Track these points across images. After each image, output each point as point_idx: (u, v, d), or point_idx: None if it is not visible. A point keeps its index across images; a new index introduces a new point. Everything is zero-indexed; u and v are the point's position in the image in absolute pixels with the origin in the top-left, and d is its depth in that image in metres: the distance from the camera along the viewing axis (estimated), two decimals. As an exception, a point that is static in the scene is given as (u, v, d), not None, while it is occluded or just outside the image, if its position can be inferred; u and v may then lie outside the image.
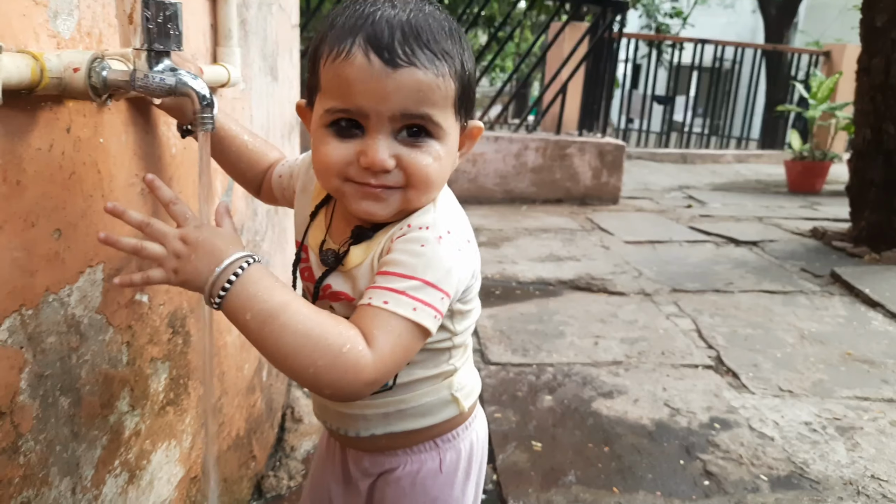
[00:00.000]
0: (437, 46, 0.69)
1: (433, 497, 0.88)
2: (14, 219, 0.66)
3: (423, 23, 0.69)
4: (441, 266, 0.70)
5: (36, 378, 0.72)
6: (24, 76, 0.61)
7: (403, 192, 0.73)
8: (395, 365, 0.68)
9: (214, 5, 1.10)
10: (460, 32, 0.74)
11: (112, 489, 0.90)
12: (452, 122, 0.74)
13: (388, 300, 0.68)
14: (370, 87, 0.68)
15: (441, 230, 0.73)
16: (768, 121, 9.99)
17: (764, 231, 4.67)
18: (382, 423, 0.85)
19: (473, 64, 0.75)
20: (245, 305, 0.66)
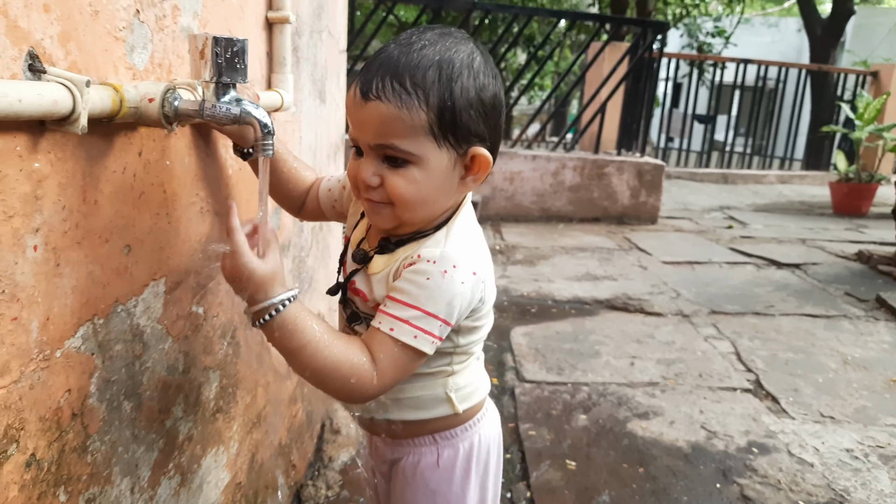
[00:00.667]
0: (409, 81, 0.76)
1: (432, 489, 0.96)
2: (91, 235, 0.72)
3: (408, 60, 0.77)
4: (442, 298, 0.80)
5: (104, 383, 0.78)
6: (107, 106, 0.67)
7: (392, 208, 0.82)
8: (394, 381, 0.83)
9: (270, 35, 1.17)
10: (457, 68, 0.78)
11: (166, 491, 0.95)
12: (431, 148, 0.79)
13: (394, 328, 0.80)
14: (352, 119, 0.81)
15: (447, 264, 0.81)
16: (813, 141, 9.80)
17: (807, 253, 4.58)
18: (381, 409, 0.94)
19: (471, 94, 0.79)
20: (277, 339, 0.80)
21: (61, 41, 0.64)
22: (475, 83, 0.79)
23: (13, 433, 0.64)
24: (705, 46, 13.61)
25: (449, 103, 0.77)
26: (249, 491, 1.30)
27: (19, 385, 0.64)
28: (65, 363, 0.70)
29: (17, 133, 0.60)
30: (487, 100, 0.81)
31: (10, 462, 0.64)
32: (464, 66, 0.79)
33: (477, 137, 0.81)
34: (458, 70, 0.78)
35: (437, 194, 0.82)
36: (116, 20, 0.73)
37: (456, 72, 0.78)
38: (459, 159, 0.82)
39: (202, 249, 0.98)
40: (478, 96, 0.80)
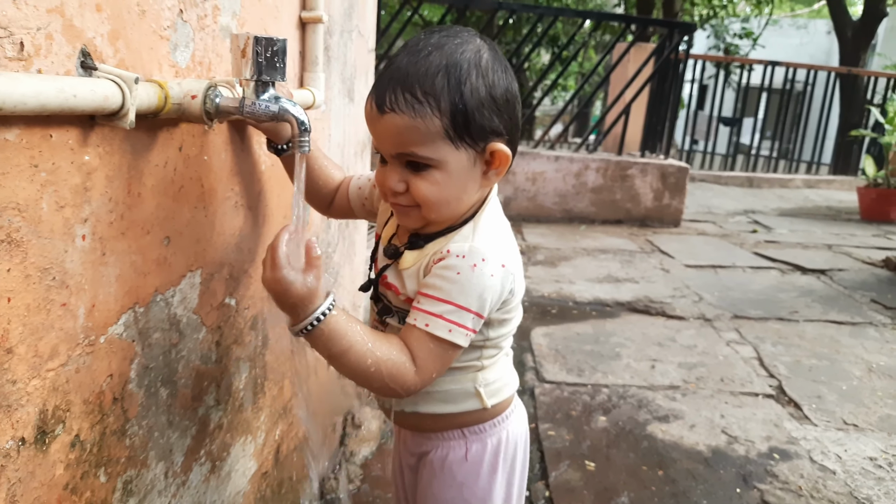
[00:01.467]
0: (420, 90, 0.78)
1: (459, 482, 0.97)
2: (134, 226, 0.75)
3: (416, 69, 0.79)
4: (473, 292, 0.82)
5: (143, 369, 0.80)
6: (153, 102, 0.70)
7: (419, 210, 0.85)
8: (433, 375, 0.85)
9: (304, 34, 1.19)
10: (464, 70, 0.80)
11: (197, 476, 0.98)
12: (449, 151, 0.81)
13: (429, 323, 0.83)
14: (372, 131, 0.85)
15: (476, 258, 0.83)
16: (841, 145, 9.65)
17: (833, 259, 4.52)
18: (411, 401, 0.96)
19: (481, 93, 0.80)
20: (321, 346, 0.82)
21: (111, 39, 0.67)
22: (484, 81, 0.81)
23: (60, 414, 0.66)
24: (732, 48, 13.47)
25: (460, 106, 0.79)
26: (274, 481, 1.32)
27: (66, 368, 0.67)
28: (108, 349, 0.73)
29: (69, 127, 0.63)
30: (499, 96, 0.82)
31: (56, 442, 0.66)
32: (471, 66, 0.80)
33: (493, 133, 0.83)
34: (466, 71, 0.80)
35: (461, 192, 0.85)
36: (162, 19, 0.75)
37: (464, 74, 0.80)
38: (479, 156, 0.84)
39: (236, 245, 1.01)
40: (489, 94, 0.81)
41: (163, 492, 0.89)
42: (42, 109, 0.55)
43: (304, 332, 0.81)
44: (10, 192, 0.57)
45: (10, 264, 0.58)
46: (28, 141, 0.58)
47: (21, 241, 0.59)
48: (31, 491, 0.64)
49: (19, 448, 0.62)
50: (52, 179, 0.61)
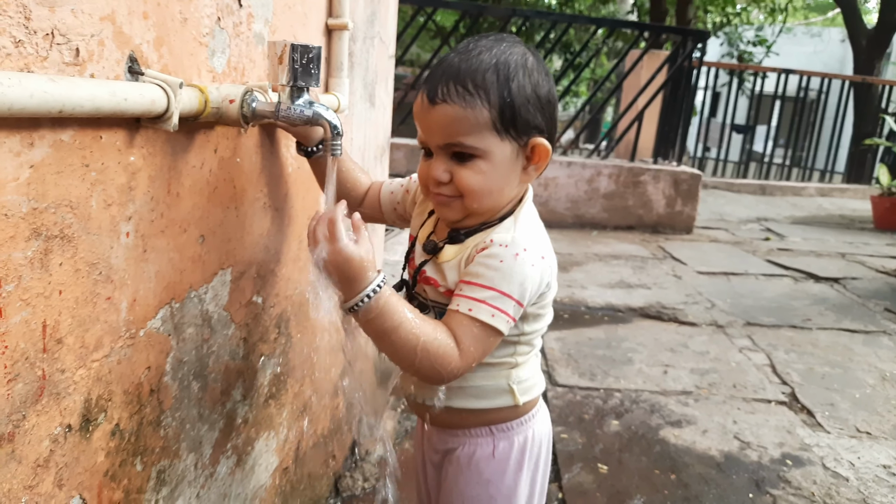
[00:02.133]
0: (471, 83, 0.84)
1: (486, 479, 0.99)
2: (173, 225, 0.78)
3: (468, 65, 0.84)
4: (515, 280, 0.85)
5: (177, 363, 0.83)
6: (194, 106, 0.73)
7: (461, 200, 0.88)
8: (475, 360, 0.86)
9: (329, 40, 1.22)
10: (512, 69, 0.85)
11: (224, 469, 1.01)
12: (495, 142, 0.86)
13: (472, 308, 0.84)
14: (421, 123, 0.88)
15: (518, 248, 0.86)
16: (855, 154, 9.61)
17: (846, 268, 4.51)
18: (445, 397, 0.97)
19: (527, 91, 0.86)
20: (371, 321, 0.82)
21: (156, 45, 0.70)
22: (530, 80, 0.87)
23: (102, 403, 0.69)
24: (746, 55, 13.43)
25: (508, 100, 0.84)
26: (294, 477, 1.35)
27: (109, 359, 0.70)
28: (146, 342, 0.76)
29: (117, 129, 0.66)
30: (542, 95, 0.88)
31: (98, 430, 0.69)
32: (518, 66, 0.86)
33: (536, 129, 0.88)
34: (514, 70, 0.86)
35: (502, 183, 0.89)
36: (201, 27, 0.79)
37: (512, 72, 0.85)
38: (521, 150, 0.89)
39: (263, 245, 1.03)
40: (534, 92, 0.87)
41: (192, 482, 0.91)
42: (96, 112, 0.58)
43: (358, 307, 0.80)
44: (64, 189, 0.60)
45: (62, 258, 0.61)
46: (81, 142, 0.61)
47: (72, 236, 0.62)
48: (75, 476, 0.67)
49: (66, 434, 0.65)
50: (101, 179, 0.64)
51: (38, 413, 0.61)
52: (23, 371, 0.58)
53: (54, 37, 0.56)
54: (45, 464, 0.63)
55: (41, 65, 0.55)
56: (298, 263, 1.21)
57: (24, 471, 0.60)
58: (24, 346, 0.58)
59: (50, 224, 0.59)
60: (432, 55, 5.89)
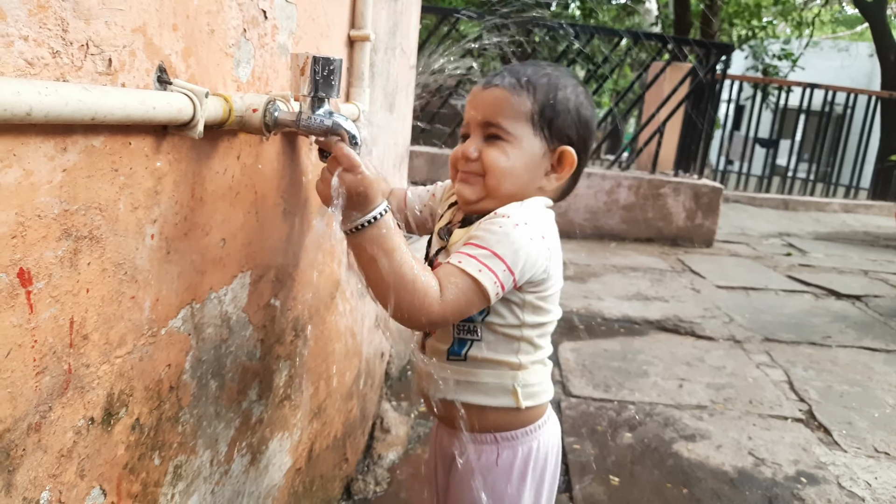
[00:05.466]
0: (524, 78, 0.94)
1: (489, 487, 1.01)
2: (196, 228, 0.81)
3: (526, 69, 0.95)
4: (510, 244, 0.87)
5: (196, 361, 0.86)
6: (219, 114, 0.76)
7: (483, 179, 0.95)
8: (455, 312, 0.86)
9: (351, 51, 1.26)
10: (562, 83, 0.96)
11: (238, 467, 1.03)
12: (528, 133, 0.94)
13: (462, 260, 0.87)
14: (470, 104, 0.97)
15: (519, 220, 0.90)
16: (881, 170, 9.47)
17: (869, 285, 4.45)
18: (453, 389, 1.00)
19: (570, 105, 0.96)
20: (371, 241, 0.84)
21: (184, 56, 0.73)
22: (575, 99, 0.97)
23: (124, 398, 0.72)
24: (771, 69, 13.31)
25: (551, 102, 0.94)
26: (307, 478, 1.37)
27: (132, 356, 0.72)
28: (167, 340, 0.79)
29: (145, 135, 0.69)
30: (583, 116, 0.97)
31: (120, 424, 0.72)
32: (568, 84, 0.97)
33: (568, 139, 0.96)
34: (564, 84, 0.96)
35: (524, 173, 0.95)
36: (228, 38, 0.82)
37: (561, 85, 0.96)
38: (549, 153, 0.96)
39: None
40: (576, 109, 0.96)
41: (208, 479, 0.94)
42: (126, 119, 0.61)
43: (367, 224, 0.83)
44: (94, 193, 0.63)
45: (90, 258, 0.64)
46: (111, 147, 0.64)
47: (101, 237, 0.65)
48: (96, 467, 0.70)
49: (89, 427, 0.68)
50: (128, 183, 0.67)
51: (64, 405, 0.64)
52: (50, 364, 0.61)
53: (89, 48, 0.59)
54: (69, 454, 0.65)
55: (76, 74, 0.58)
56: (316, 268, 1.23)
57: (48, 460, 0.63)
58: (52, 340, 0.61)
59: (80, 225, 0.62)
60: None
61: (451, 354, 1.00)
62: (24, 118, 0.51)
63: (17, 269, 0.56)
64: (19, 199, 0.55)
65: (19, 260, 0.56)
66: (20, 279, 0.56)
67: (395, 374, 2.30)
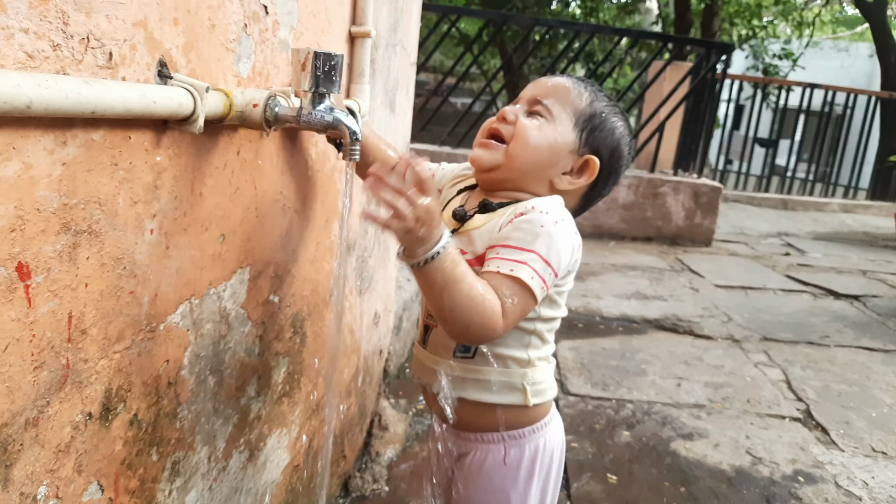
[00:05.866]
0: (592, 87, 1.00)
1: (496, 487, 1.00)
2: (195, 223, 0.81)
3: (597, 86, 1.01)
4: (553, 246, 0.88)
5: (195, 357, 0.86)
6: (219, 109, 0.75)
7: (502, 149, 0.96)
8: (514, 322, 0.87)
9: (352, 47, 1.25)
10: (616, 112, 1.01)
11: (236, 463, 1.03)
12: (567, 124, 0.97)
13: (514, 269, 0.86)
14: (531, 85, 1.01)
15: (557, 217, 0.91)
16: (880, 171, 9.47)
17: (867, 285, 4.45)
18: (459, 386, 1.00)
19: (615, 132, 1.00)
20: (441, 270, 0.82)
21: (185, 51, 0.73)
22: (622, 131, 1.01)
23: (122, 394, 0.72)
24: (771, 69, 13.31)
25: (602, 114, 0.99)
26: (305, 475, 1.37)
27: (130, 352, 0.72)
28: (166, 336, 0.78)
29: (145, 130, 0.69)
30: (620, 149, 1.01)
31: (118, 419, 0.72)
32: (619, 114, 1.02)
33: (597, 154, 0.98)
34: (617, 112, 1.01)
35: (546, 154, 0.96)
36: (228, 33, 0.81)
37: (616, 112, 1.01)
38: (576, 155, 0.98)
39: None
40: (618, 138, 1.00)
41: (206, 475, 0.94)
42: (127, 113, 0.61)
43: (436, 256, 0.80)
44: (94, 187, 0.63)
45: (89, 252, 0.64)
46: (110, 141, 0.64)
47: (99, 232, 0.64)
48: (94, 463, 0.69)
49: (87, 422, 0.67)
50: (128, 177, 0.67)
51: (62, 400, 0.63)
52: (48, 359, 0.61)
53: (89, 41, 0.59)
54: (66, 449, 0.65)
55: (76, 67, 0.58)
56: (315, 265, 1.23)
57: (46, 455, 0.62)
58: (50, 335, 0.60)
59: (79, 219, 0.61)
60: (455, 62, 5.92)
61: (458, 351, 0.99)
62: (24, 111, 0.50)
63: (16, 262, 0.55)
64: (18, 193, 0.54)
65: (18, 254, 0.55)
66: (19, 273, 0.56)
67: (393, 371, 2.29)
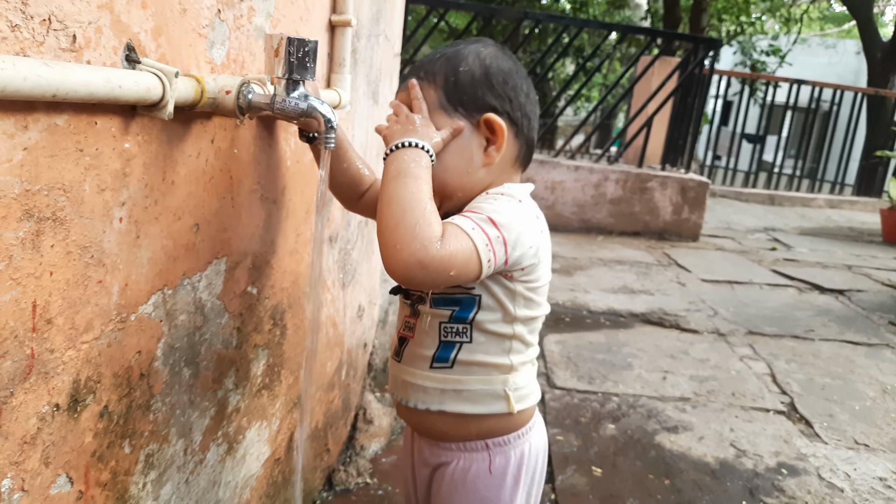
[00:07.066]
0: (422, 71, 0.92)
1: (482, 496, 0.96)
2: (167, 212, 0.79)
3: (427, 58, 0.94)
4: (506, 214, 0.86)
5: (168, 349, 0.85)
6: (190, 96, 0.74)
7: None
8: (447, 266, 0.80)
9: (332, 36, 1.24)
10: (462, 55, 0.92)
11: (214, 456, 1.02)
12: (444, 120, 0.91)
13: (459, 221, 0.84)
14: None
15: (514, 197, 0.91)
16: (866, 167, 9.56)
17: (852, 280, 4.49)
18: (438, 400, 0.95)
19: (475, 72, 0.91)
20: (402, 160, 0.85)
21: (154, 35, 0.72)
22: (479, 63, 0.92)
23: (91, 385, 0.71)
24: (759, 65, 13.37)
25: (452, 79, 0.91)
26: (286, 468, 1.36)
27: (99, 342, 0.71)
28: (137, 326, 0.77)
29: (112, 116, 0.67)
30: (494, 77, 0.91)
31: (87, 411, 0.71)
32: (470, 52, 0.92)
33: (488, 107, 0.91)
34: (464, 56, 0.92)
35: (458, 159, 0.91)
36: (201, 18, 0.80)
37: (461, 57, 0.92)
38: (475, 129, 0.92)
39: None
40: (483, 73, 0.91)
41: (181, 468, 0.93)
42: (90, 97, 0.60)
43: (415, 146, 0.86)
44: (58, 173, 0.61)
45: (53, 240, 0.62)
46: (75, 127, 0.63)
47: (65, 219, 0.63)
48: (62, 455, 0.68)
49: (54, 413, 0.66)
50: (94, 164, 0.66)
51: (26, 391, 0.62)
52: (11, 349, 0.59)
53: (51, 23, 0.57)
54: (32, 441, 0.64)
55: (37, 50, 0.57)
56: (296, 256, 1.22)
57: (10, 447, 0.61)
58: (13, 324, 0.59)
59: (42, 206, 0.60)
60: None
61: (436, 361, 0.94)
62: (-21, 92, 0.49)
63: (-25, 249, 0.54)
64: (-24, 178, 0.53)
65: (-23, 240, 0.54)
66: (-22, 260, 0.54)
67: (378, 365, 2.28)
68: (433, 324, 0.93)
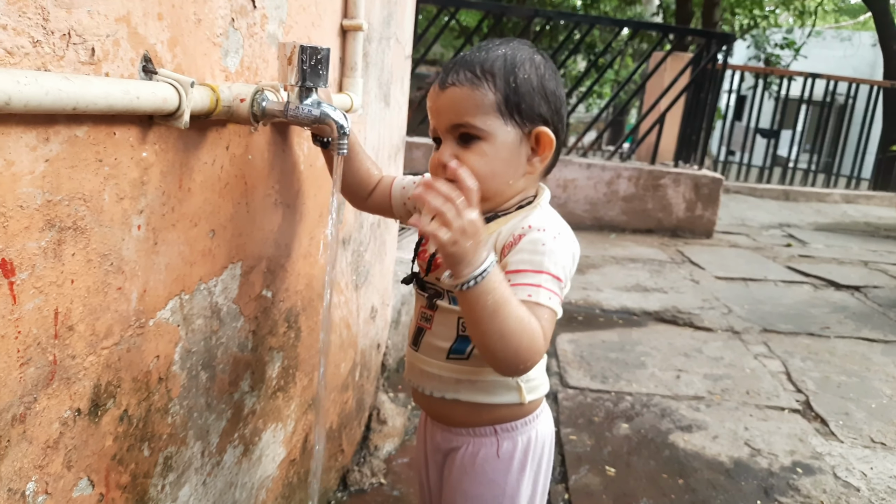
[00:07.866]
0: (479, 68, 0.89)
1: (489, 479, 1.00)
2: (184, 219, 0.81)
3: (478, 56, 0.90)
4: (559, 260, 0.88)
5: (186, 353, 0.86)
6: (205, 104, 0.75)
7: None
8: (548, 340, 0.85)
9: (344, 41, 1.25)
10: (520, 60, 0.90)
11: (231, 458, 1.04)
12: (499, 124, 0.89)
13: (531, 294, 0.85)
14: (432, 110, 0.93)
15: (555, 231, 0.90)
16: (882, 161, 9.44)
17: (869, 276, 4.44)
18: (453, 388, 0.98)
19: (533, 81, 0.90)
20: (492, 291, 0.79)
21: (170, 46, 0.73)
22: (537, 73, 0.92)
23: (111, 389, 0.72)
24: (773, 58, 13.25)
25: (513, 85, 0.89)
26: (301, 469, 1.38)
27: (119, 347, 0.72)
28: (156, 331, 0.78)
29: (130, 126, 0.69)
30: (549, 88, 0.92)
31: (107, 415, 0.72)
32: (527, 59, 0.92)
33: (540, 119, 0.92)
34: (521, 62, 0.91)
35: (507, 169, 0.91)
36: (215, 27, 0.81)
37: (519, 62, 0.91)
38: (525, 138, 0.92)
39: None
40: (540, 83, 0.91)
41: (199, 469, 0.94)
42: (109, 109, 0.61)
43: (484, 276, 0.77)
44: (78, 183, 0.63)
45: (74, 249, 0.63)
46: (95, 137, 0.64)
47: (85, 228, 0.64)
48: (84, 458, 0.70)
49: (75, 418, 0.67)
50: (113, 173, 0.67)
51: (49, 396, 0.63)
52: (35, 356, 0.61)
53: (71, 37, 0.59)
54: (55, 445, 0.65)
55: (57, 64, 0.58)
56: (309, 259, 1.23)
57: (34, 451, 0.63)
58: (36, 331, 0.60)
59: (63, 216, 0.61)
60: (455, 54, 5.91)
61: (452, 353, 0.96)
62: (3, 108, 0.50)
63: (0, 259, 0.55)
64: (0, 190, 0.54)
65: (1, 250, 0.55)
66: (2, 270, 0.56)
67: (392, 365, 2.30)
68: (451, 318, 0.96)
